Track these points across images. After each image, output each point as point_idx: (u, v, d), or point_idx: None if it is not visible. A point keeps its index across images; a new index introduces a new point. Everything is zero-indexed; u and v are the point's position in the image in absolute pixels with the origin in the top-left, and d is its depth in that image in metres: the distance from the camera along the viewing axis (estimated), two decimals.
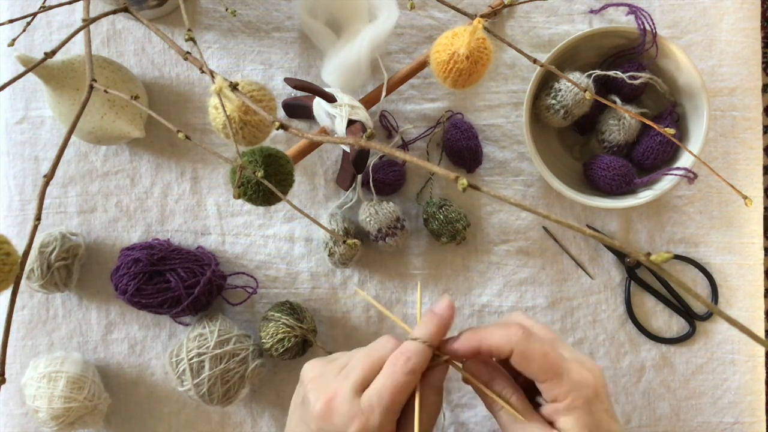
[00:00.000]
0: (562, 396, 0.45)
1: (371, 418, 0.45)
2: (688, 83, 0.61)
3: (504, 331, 0.46)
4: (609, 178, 0.62)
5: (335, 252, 0.61)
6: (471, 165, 0.64)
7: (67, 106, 0.56)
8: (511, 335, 0.45)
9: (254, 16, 0.65)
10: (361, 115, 0.56)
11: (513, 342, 0.45)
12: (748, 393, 0.66)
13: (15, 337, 0.63)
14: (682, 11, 0.66)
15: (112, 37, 0.64)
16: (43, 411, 0.57)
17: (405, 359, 0.46)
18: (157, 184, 0.64)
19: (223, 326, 0.59)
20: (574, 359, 0.47)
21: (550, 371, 0.45)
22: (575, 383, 0.45)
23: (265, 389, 0.64)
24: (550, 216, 0.30)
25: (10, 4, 0.64)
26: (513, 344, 0.45)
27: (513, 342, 0.45)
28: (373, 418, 0.45)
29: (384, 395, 0.45)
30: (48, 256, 0.59)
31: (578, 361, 0.47)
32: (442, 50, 0.49)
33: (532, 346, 0.45)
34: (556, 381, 0.45)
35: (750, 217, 0.66)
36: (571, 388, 0.45)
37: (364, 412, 0.45)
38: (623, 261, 0.65)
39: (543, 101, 0.62)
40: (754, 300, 0.66)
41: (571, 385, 0.45)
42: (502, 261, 0.65)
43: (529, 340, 0.45)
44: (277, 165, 0.41)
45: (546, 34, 0.65)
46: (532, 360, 0.45)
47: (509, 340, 0.45)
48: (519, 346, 0.45)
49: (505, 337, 0.45)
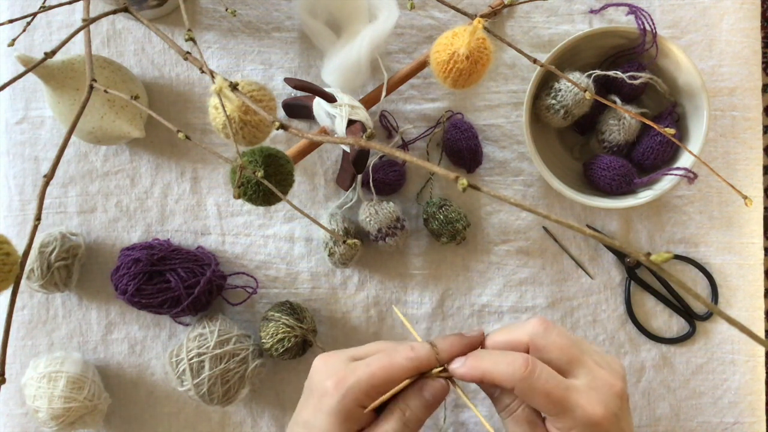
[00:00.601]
0: (565, 430, 0.45)
1: (349, 375, 0.46)
2: (688, 83, 0.61)
3: (508, 367, 0.45)
4: (609, 178, 0.62)
5: (335, 252, 0.61)
6: (471, 165, 0.64)
7: (67, 106, 0.56)
8: (514, 372, 0.44)
9: (254, 16, 0.65)
10: (361, 115, 0.56)
11: (515, 380, 0.44)
12: (748, 393, 0.66)
13: (15, 337, 0.63)
14: (682, 11, 0.66)
15: (112, 37, 0.64)
16: (43, 411, 0.57)
17: (410, 348, 0.47)
18: (157, 184, 0.64)
19: (223, 326, 0.59)
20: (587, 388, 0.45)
21: (554, 409, 0.44)
22: (579, 422, 0.44)
23: (265, 389, 0.64)
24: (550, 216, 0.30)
25: (10, 4, 0.64)
26: (515, 382, 0.44)
27: (515, 380, 0.44)
28: (352, 375, 0.46)
29: (372, 364, 0.46)
30: (48, 256, 0.59)
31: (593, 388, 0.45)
32: (442, 50, 0.49)
33: (535, 385, 0.44)
34: (560, 417, 0.44)
35: (750, 217, 0.66)
36: (574, 425, 0.44)
37: (346, 369, 0.46)
38: (623, 261, 0.65)
39: (543, 101, 0.62)
40: (754, 300, 0.66)
41: (575, 423, 0.44)
42: (502, 261, 0.65)
43: (531, 379, 0.44)
44: (277, 165, 0.41)
45: (546, 34, 0.65)
46: (535, 398, 0.44)
47: (512, 376, 0.44)
48: (520, 385, 0.44)
49: (508, 374, 0.45)
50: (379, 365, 0.46)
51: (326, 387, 0.46)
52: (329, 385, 0.46)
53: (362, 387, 0.45)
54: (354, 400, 0.45)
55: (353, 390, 0.45)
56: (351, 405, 0.45)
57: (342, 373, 0.46)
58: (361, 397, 0.45)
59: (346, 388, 0.45)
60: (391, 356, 0.47)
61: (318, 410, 0.46)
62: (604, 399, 0.44)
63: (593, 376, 0.45)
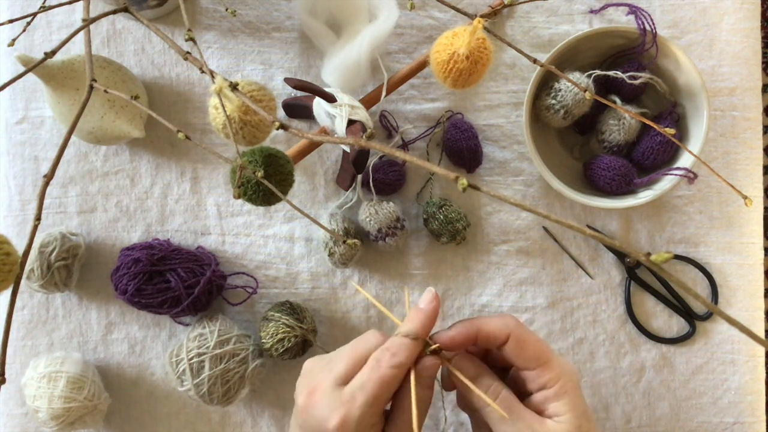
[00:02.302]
0: (552, 381, 0.47)
1: (353, 409, 0.44)
2: (688, 83, 0.61)
3: (500, 319, 0.48)
4: (609, 178, 0.62)
5: (335, 252, 0.61)
6: (471, 165, 0.64)
7: (67, 106, 0.56)
8: (507, 322, 0.48)
9: (254, 16, 0.65)
10: (361, 115, 0.56)
11: (510, 327, 0.47)
12: (748, 393, 0.66)
13: (15, 337, 0.63)
14: (682, 11, 0.66)
15: (112, 37, 0.64)
16: (43, 411, 0.57)
17: (390, 354, 0.46)
18: (157, 184, 0.64)
19: (223, 326, 0.59)
20: (555, 352, 0.49)
21: (542, 357, 0.47)
22: (564, 370, 0.47)
23: (265, 389, 0.64)
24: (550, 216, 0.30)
25: (10, 4, 0.64)
26: (510, 329, 0.47)
27: (510, 327, 0.47)
28: (354, 408, 0.44)
29: (367, 387, 0.45)
30: (48, 256, 0.59)
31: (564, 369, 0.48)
32: (442, 50, 0.49)
33: (527, 332, 0.48)
34: (547, 367, 0.47)
35: (750, 217, 0.66)
36: (561, 374, 0.47)
37: (344, 403, 0.45)
38: (623, 261, 0.65)
39: (543, 101, 0.62)
40: (754, 300, 0.66)
41: (561, 371, 0.47)
42: (502, 261, 0.65)
43: (523, 328, 0.48)
44: (277, 165, 0.41)
45: (546, 34, 0.65)
46: (527, 345, 0.47)
47: (506, 326, 0.47)
48: (516, 331, 0.47)
49: (502, 323, 0.48)
50: (373, 386, 0.45)
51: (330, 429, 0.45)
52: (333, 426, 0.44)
53: (366, 416, 0.45)
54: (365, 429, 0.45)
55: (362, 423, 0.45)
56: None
57: (342, 410, 0.44)
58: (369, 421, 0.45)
59: (353, 426, 0.44)
60: (379, 371, 0.45)
61: None
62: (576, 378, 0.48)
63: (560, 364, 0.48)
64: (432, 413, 0.64)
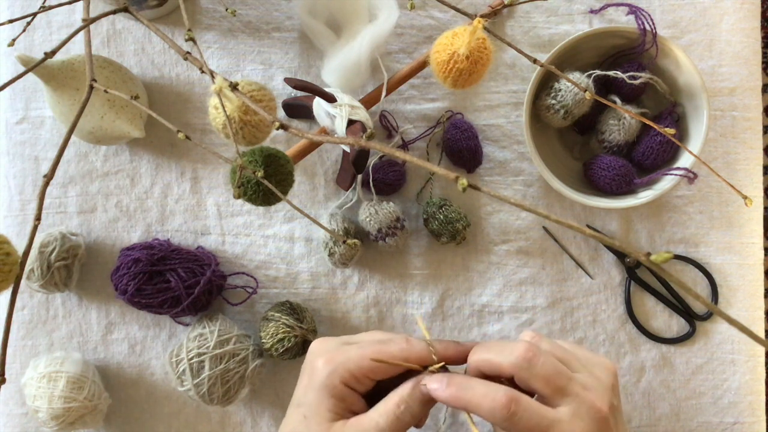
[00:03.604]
0: None
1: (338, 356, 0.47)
2: (688, 83, 0.61)
3: (491, 403, 0.44)
4: (609, 178, 0.62)
5: (335, 252, 0.61)
6: (471, 165, 0.64)
7: (67, 106, 0.56)
8: (495, 407, 0.43)
9: (254, 16, 0.65)
10: (361, 115, 0.56)
11: (497, 418, 0.43)
12: (748, 393, 0.66)
13: (15, 337, 0.63)
14: (682, 11, 0.66)
15: (112, 37, 0.64)
16: (43, 411, 0.57)
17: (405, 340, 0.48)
18: (157, 184, 0.64)
19: (223, 326, 0.59)
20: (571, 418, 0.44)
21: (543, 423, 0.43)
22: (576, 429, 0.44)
23: (265, 389, 0.64)
24: (550, 216, 0.30)
25: (10, 4, 0.64)
26: (497, 420, 0.43)
27: (497, 418, 0.43)
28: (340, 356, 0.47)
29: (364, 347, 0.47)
30: (48, 256, 0.59)
31: (577, 416, 0.44)
32: (442, 50, 0.49)
33: (518, 426, 0.43)
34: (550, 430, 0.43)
35: (750, 217, 0.66)
36: None
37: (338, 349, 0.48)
38: (623, 261, 0.65)
39: (543, 101, 0.62)
40: (754, 300, 0.66)
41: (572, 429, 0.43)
42: (502, 261, 0.65)
43: (514, 419, 0.43)
44: (277, 165, 0.41)
45: (546, 34, 0.65)
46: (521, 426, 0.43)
47: (493, 412, 0.43)
48: (503, 425, 0.43)
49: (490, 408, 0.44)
50: (372, 349, 0.47)
51: (317, 364, 0.47)
52: (320, 362, 0.47)
53: (350, 366, 0.46)
54: (341, 377, 0.46)
55: (341, 367, 0.46)
56: (338, 381, 0.46)
57: (334, 352, 0.47)
58: (347, 376, 0.46)
59: (335, 365, 0.46)
60: (386, 344, 0.47)
61: (308, 387, 0.47)
62: (589, 427, 0.43)
63: (579, 402, 0.44)
64: (432, 413, 0.64)
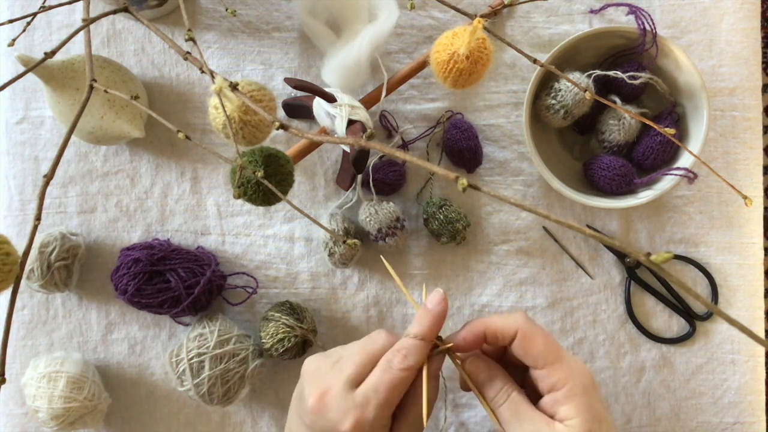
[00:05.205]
0: (561, 382, 0.46)
1: (366, 412, 0.45)
2: (688, 83, 0.61)
3: (508, 317, 0.48)
4: (609, 178, 0.62)
5: (335, 252, 0.61)
6: (471, 165, 0.64)
7: (67, 106, 0.56)
8: (516, 318, 0.48)
9: (254, 16, 0.65)
10: (361, 115, 0.56)
11: (518, 323, 0.47)
12: (748, 393, 0.66)
13: (15, 337, 0.63)
14: (682, 11, 0.66)
15: (112, 37, 0.64)
16: (43, 411, 0.57)
17: (402, 356, 0.46)
18: (157, 184, 0.64)
19: (223, 326, 0.59)
20: (567, 352, 0.48)
21: (551, 355, 0.46)
22: (573, 370, 0.46)
23: (265, 389, 0.64)
24: (550, 216, 0.30)
25: (10, 4, 0.64)
26: (518, 326, 0.47)
27: (518, 323, 0.47)
28: (368, 412, 0.45)
29: (380, 390, 0.45)
30: (48, 256, 0.59)
31: (573, 370, 0.47)
32: (442, 50, 0.49)
33: (535, 329, 0.47)
34: (557, 366, 0.46)
35: (750, 217, 0.66)
36: (570, 374, 0.46)
37: (358, 405, 0.45)
38: (623, 261, 0.65)
39: (543, 101, 0.62)
40: (754, 300, 0.66)
41: (570, 372, 0.46)
42: (502, 261, 0.65)
43: (531, 323, 0.48)
44: (277, 165, 0.41)
45: (546, 34, 0.65)
46: (535, 343, 0.46)
47: (515, 322, 0.47)
48: (523, 327, 0.47)
49: (510, 321, 0.47)
50: (386, 389, 0.46)
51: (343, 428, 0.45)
52: (346, 430, 0.45)
53: (379, 418, 0.46)
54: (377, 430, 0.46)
55: (375, 425, 0.45)
56: None
57: (356, 413, 0.45)
58: (381, 422, 0.46)
59: (368, 428, 0.45)
60: (392, 373, 0.46)
61: None
62: (584, 376, 0.47)
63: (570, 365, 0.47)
64: (432, 413, 0.64)
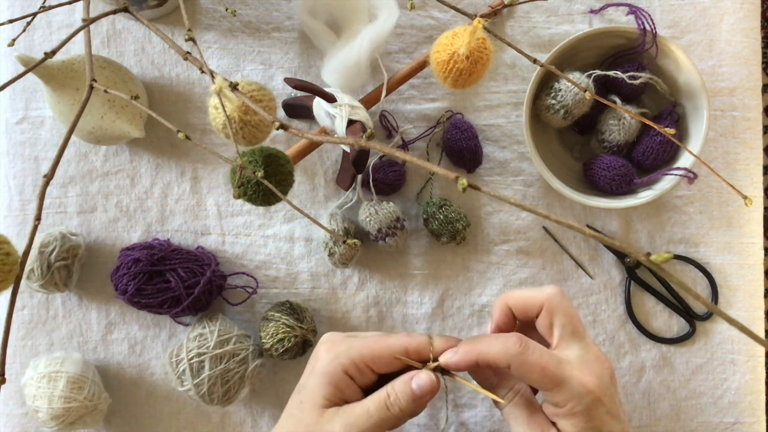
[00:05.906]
0: (562, 403, 0.45)
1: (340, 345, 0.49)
2: (688, 83, 0.61)
3: (501, 345, 0.46)
4: (609, 178, 0.62)
5: (335, 252, 0.61)
6: (471, 165, 0.64)
7: (67, 106, 0.56)
8: (508, 349, 0.45)
9: (254, 16, 0.65)
10: (361, 115, 0.56)
11: (510, 356, 0.45)
12: (748, 393, 0.66)
13: (15, 337, 0.63)
14: (682, 11, 0.66)
15: (112, 37, 0.64)
16: (43, 411, 0.57)
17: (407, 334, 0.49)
18: (157, 184, 0.64)
19: (223, 326, 0.59)
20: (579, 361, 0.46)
21: (549, 383, 0.45)
22: (575, 393, 0.45)
23: (265, 389, 0.64)
24: (550, 216, 0.30)
25: (10, 4, 0.64)
26: (509, 358, 0.45)
27: (510, 356, 0.45)
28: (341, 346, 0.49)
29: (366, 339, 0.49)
30: (48, 256, 0.59)
31: (585, 361, 0.46)
32: (442, 50, 0.49)
33: (529, 360, 0.45)
34: (557, 390, 0.45)
35: (750, 217, 0.66)
36: (571, 397, 0.45)
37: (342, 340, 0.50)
38: (623, 261, 0.65)
39: (543, 101, 0.62)
40: (754, 300, 0.66)
41: (571, 395, 0.45)
42: (502, 261, 0.65)
43: (526, 354, 0.45)
44: (277, 165, 0.41)
45: (546, 34, 0.65)
46: (530, 374, 0.45)
47: (506, 354, 0.45)
48: (515, 360, 0.45)
49: (502, 351, 0.45)
50: (373, 341, 0.48)
51: (320, 352, 0.50)
52: (322, 350, 0.50)
53: (351, 354, 0.47)
54: (341, 365, 0.47)
55: (342, 355, 0.48)
56: (338, 369, 0.47)
57: (337, 342, 0.50)
58: (347, 364, 0.47)
59: (336, 352, 0.48)
60: (388, 337, 0.49)
61: (310, 373, 0.49)
62: (597, 371, 0.46)
63: (588, 350, 0.47)
64: (433, 413, 0.64)
